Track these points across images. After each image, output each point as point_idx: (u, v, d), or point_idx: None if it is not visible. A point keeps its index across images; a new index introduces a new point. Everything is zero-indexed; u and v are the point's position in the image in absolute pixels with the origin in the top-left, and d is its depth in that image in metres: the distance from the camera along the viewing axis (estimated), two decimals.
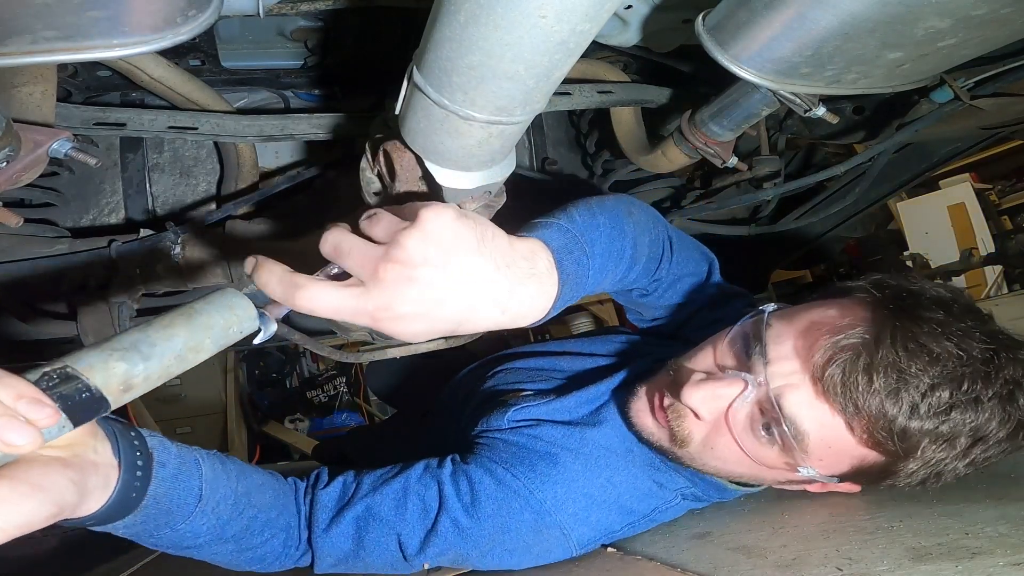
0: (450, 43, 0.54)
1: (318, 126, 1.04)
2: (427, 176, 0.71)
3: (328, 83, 1.23)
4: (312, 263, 0.62)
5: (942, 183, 4.03)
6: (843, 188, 1.52)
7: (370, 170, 0.84)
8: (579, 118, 1.47)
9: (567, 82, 1.01)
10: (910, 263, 3.48)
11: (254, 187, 1.20)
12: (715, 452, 0.78)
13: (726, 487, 0.88)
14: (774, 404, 0.71)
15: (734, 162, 1.12)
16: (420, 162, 0.71)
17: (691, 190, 1.52)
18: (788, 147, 1.57)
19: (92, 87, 1.12)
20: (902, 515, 0.75)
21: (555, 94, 1.03)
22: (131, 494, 0.60)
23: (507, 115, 0.61)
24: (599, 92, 1.12)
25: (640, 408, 0.84)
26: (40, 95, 0.86)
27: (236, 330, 0.55)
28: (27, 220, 0.96)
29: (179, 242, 1.07)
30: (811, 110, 0.86)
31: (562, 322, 3.47)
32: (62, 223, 1.16)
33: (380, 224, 0.59)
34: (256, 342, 0.58)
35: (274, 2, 0.89)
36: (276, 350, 3.85)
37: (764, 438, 0.73)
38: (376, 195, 0.85)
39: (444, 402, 1.33)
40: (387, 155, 0.77)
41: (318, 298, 0.56)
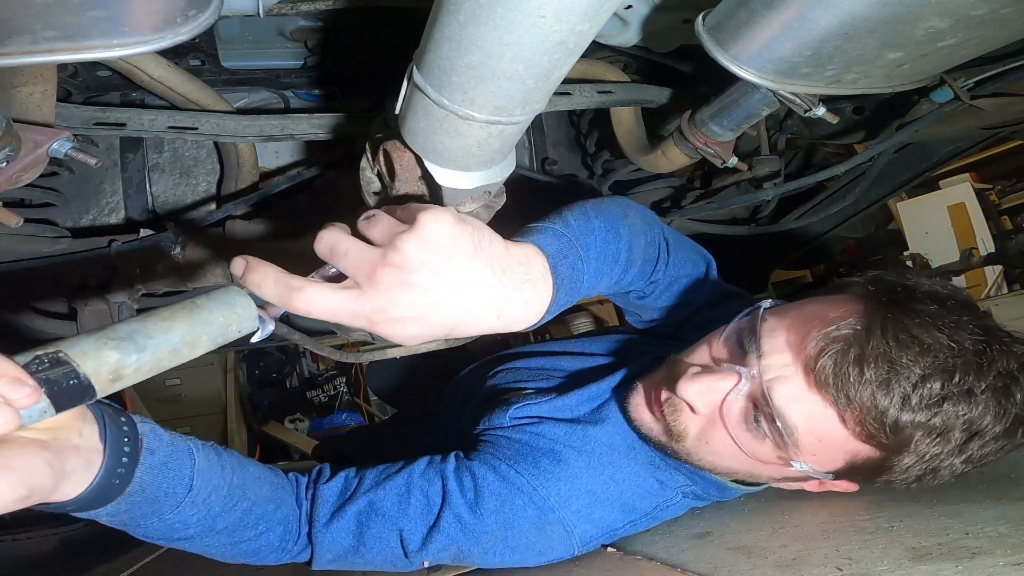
0: (450, 43, 0.54)
1: (318, 126, 1.04)
2: (427, 176, 0.71)
3: (328, 83, 1.23)
4: (312, 263, 0.62)
5: (942, 183, 4.02)
6: (843, 188, 1.52)
7: (370, 170, 0.84)
8: (579, 118, 1.47)
9: (567, 82, 1.01)
10: (910, 263, 3.48)
11: (254, 187, 1.20)
12: (710, 447, 0.78)
13: (726, 486, 0.88)
14: (766, 396, 0.71)
15: (734, 162, 1.12)
16: (420, 162, 0.71)
17: (691, 190, 1.52)
18: (788, 147, 1.57)
19: (92, 87, 1.12)
20: (902, 515, 0.75)
21: (555, 94, 1.03)
22: (113, 480, 0.59)
23: (506, 115, 0.61)
24: (599, 92, 1.12)
25: (638, 402, 0.85)
26: (40, 95, 0.86)
27: (235, 328, 0.55)
28: (27, 220, 0.96)
29: (179, 242, 1.07)
30: (811, 110, 0.86)
31: (562, 322, 3.47)
32: (62, 223, 1.16)
33: (378, 226, 0.59)
34: (253, 341, 0.58)
35: (274, 2, 0.89)
36: (276, 350, 3.85)
37: (757, 432, 0.73)
38: (376, 195, 0.85)
39: (444, 402, 1.33)
40: (387, 155, 0.77)
41: (314, 300, 0.56)
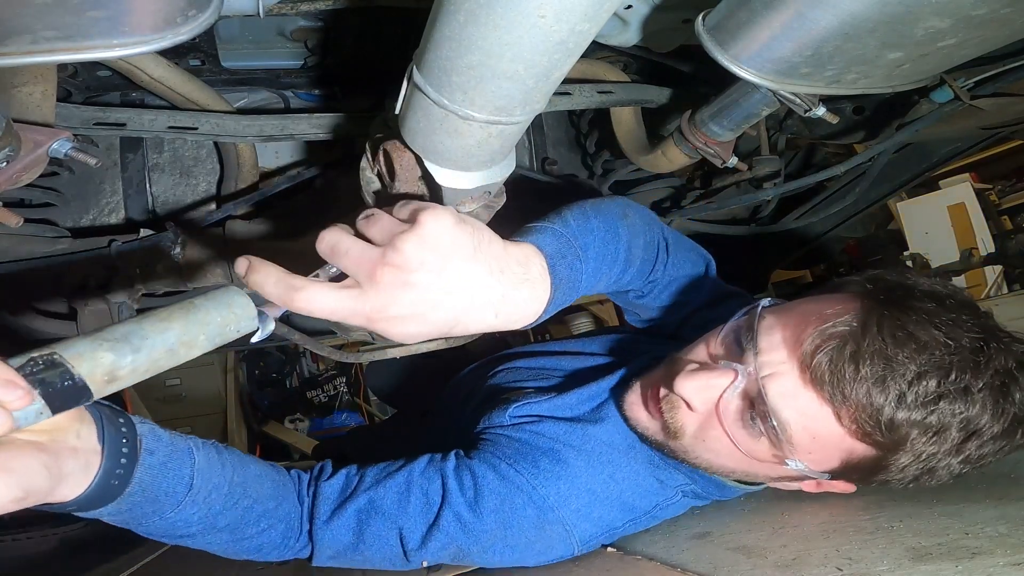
0: (449, 43, 0.54)
1: (318, 126, 1.04)
2: (427, 176, 0.71)
3: (328, 83, 1.23)
4: (312, 263, 0.62)
5: (942, 183, 4.02)
6: (843, 188, 1.52)
7: (370, 170, 0.84)
8: (579, 118, 1.47)
9: (567, 82, 1.01)
10: (910, 263, 3.48)
11: (254, 187, 1.20)
12: (707, 444, 0.78)
13: (726, 484, 0.88)
14: (761, 393, 0.71)
15: (734, 162, 1.12)
16: (420, 162, 0.71)
17: (691, 190, 1.52)
18: (788, 147, 1.57)
19: (92, 87, 1.12)
20: (902, 515, 0.75)
21: (555, 94, 1.03)
22: (112, 481, 0.59)
23: (506, 115, 0.61)
24: (599, 92, 1.12)
25: (633, 401, 0.85)
26: (40, 95, 0.86)
27: (233, 329, 0.54)
28: (27, 220, 0.96)
29: (179, 242, 1.07)
30: (811, 110, 0.86)
31: (562, 322, 3.47)
32: (62, 223, 1.16)
33: (378, 225, 0.60)
34: (253, 341, 0.58)
35: (274, 2, 0.89)
36: (276, 350, 3.85)
37: (753, 430, 0.73)
38: (375, 194, 0.85)
39: (444, 402, 1.33)
40: (387, 155, 0.77)
41: (315, 300, 0.56)
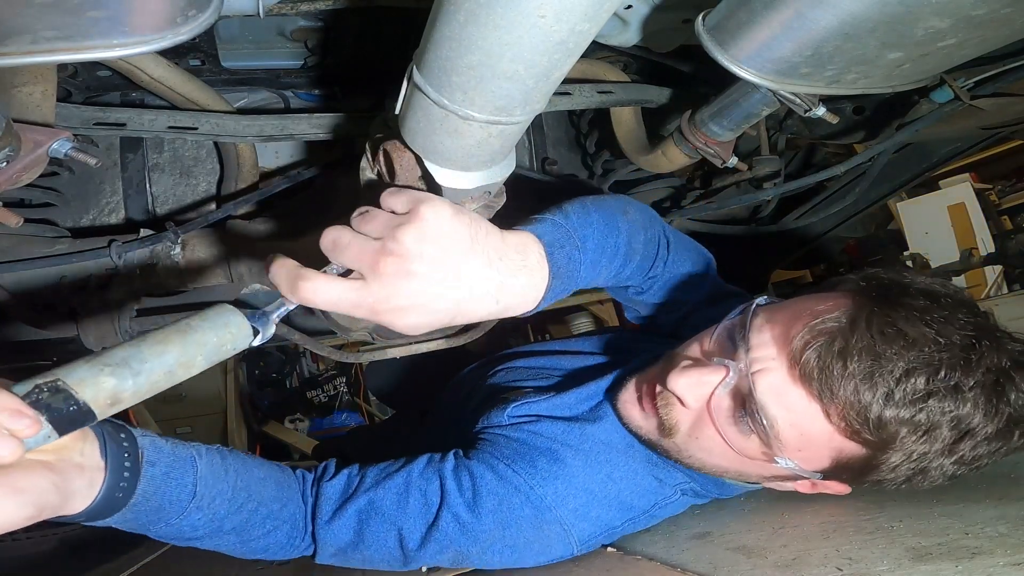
0: (449, 43, 0.54)
1: (318, 126, 1.04)
2: (427, 176, 0.71)
3: (328, 83, 1.23)
4: (312, 263, 0.62)
5: (942, 183, 4.02)
6: (843, 188, 1.52)
7: (370, 170, 0.84)
8: (579, 118, 1.47)
9: (567, 82, 1.01)
10: (910, 263, 3.48)
11: (254, 187, 1.20)
12: (700, 443, 0.78)
13: (725, 482, 0.88)
14: (751, 389, 0.71)
15: (734, 162, 1.12)
16: (420, 162, 0.71)
17: (691, 190, 1.52)
18: (788, 147, 1.57)
19: (92, 87, 1.12)
20: (902, 515, 0.75)
21: (555, 94, 1.03)
22: (116, 494, 0.62)
23: (506, 115, 0.61)
24: (599, 92, 1.12)
25: (627, 399, 0.85)
26: (40, 95, 0.86)
27: (230, 347, 0.56)
28: (27, 220, 0.96)
29: (179, 242, 1.07)
30: (811, 110, 0.86)
31: (562, 322, 3.47)
32: (62, 223, 1.16)
33: (375, 221, 0.61)
34: (254, 343, 0.58)
35: (274, 2, 0.89)
36: (276, 350, 3.85)
37: (744, 427, 0.73)
38: (367, 186, 0.84)
39: (444, 402, 1.33)
40: (387, 155, 0.77)
41: (320, 290, 0.58)
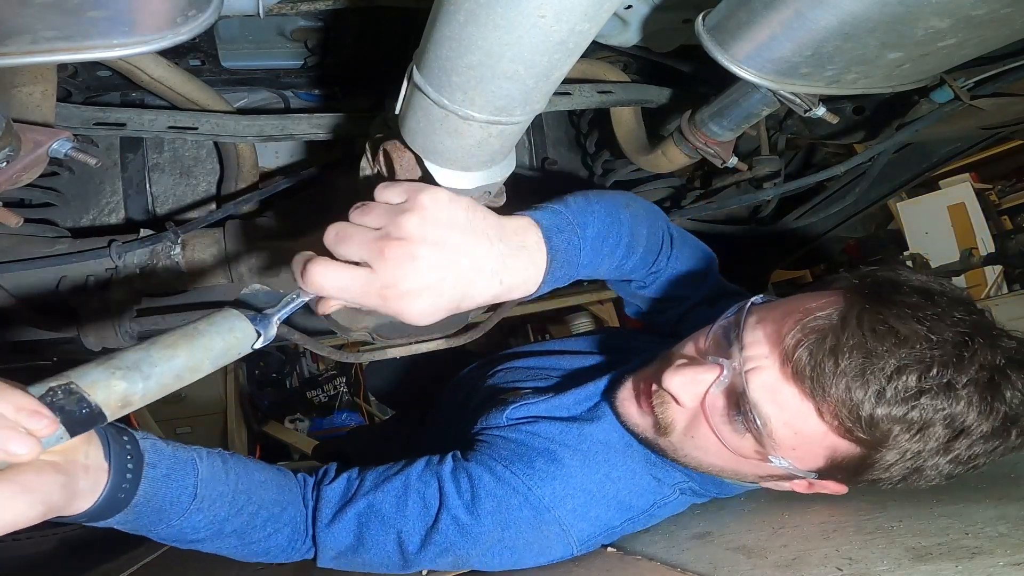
0: (449, 43, 0.54)
1: (318, 126, 1.04)
2: (427, 176, 0.71)
3: (328, 83, 1.23)
4: None
5: (942, 183, 4.02)
6: (843, 188, 1.52)
7: (370, 170, 0.84)
8: (579, 118, 1.47)
9: (567, 82, 1.01)
10: (910, 263, 3.47)
11: (254, 187, 1.19)
12: (695, 441, 0.78)
13: (723, 481, 0.88)
14: (744, 388, 0.70)
15: (734, 162, 1.12)
16: (420, 162, 0.71)
17: (691, 190, 1.51)
18: (788, 147, 1.57)
19: (92, 87, 1.12)
20: (902, 515, 0.75)
21: (555, 94, 1.03)
22: (119, 495, 0.63)
23: (506, 115, 0.61)
24: (599, 92, 1.12)
25: (625, 397, 0.85)
26: (40, 95, 0.86)
27: (235, 352, 0.57)
28: (27, 220, 0.96)
29: (179, 242, 1.07)
30: (811, 110, 0.86)
31: (562, 322, 3.48)
32: (62, 223, 1.16)
33: (374, 211, 0.62)
34: (256, 346, 0.59)
35: (274, 2, 0.89)
36: (276, 350, 3.84)
37: (738, 426, 0.73)
38: (362, 181, 0.84)
39: (444, 402, 1.33)
40: (387, 155, 0.77)
41: (329, 273, 0.59)
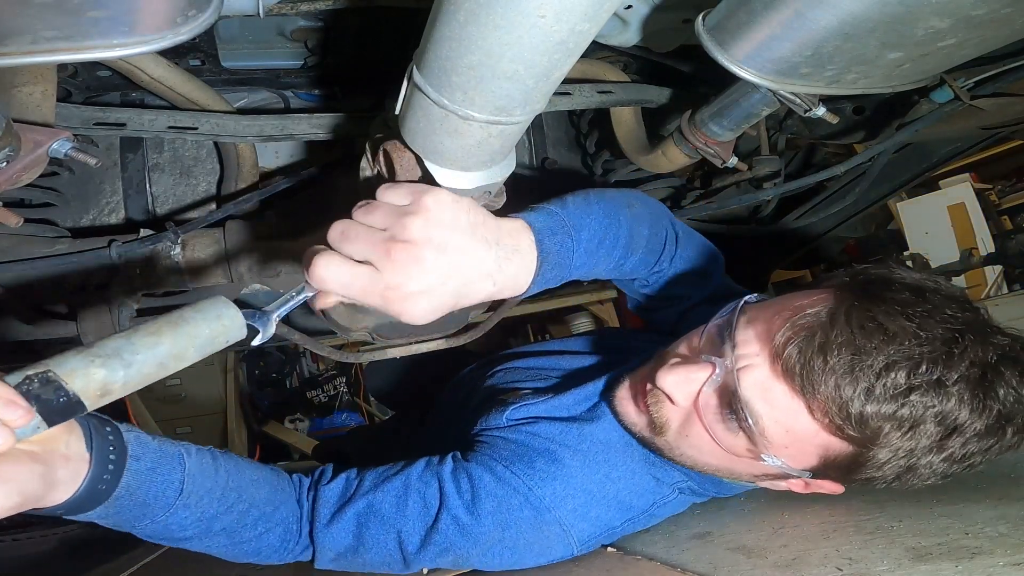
0: (449, 42, 0.54)
1: (318, 126, 1.04)
2: (427, 176, 0.71)
3: (328, 83, 1.23)
4: None
5: (942, 183, 4.01)
6: (843, 188, 1.52)
7: (370, 170, 0.84)
8: (579, 118, 1.47)
9: (567, 82, 1.01)
10: (910, 263, 3.48)
11: (254, 187, 1.19)
12: (690, 440, 0.78)
13: (722, 481, 0.88)
14: (736, 386, 0.70)
15: (734, 162, 1.12)
16: (420, 162, 0.71)
17: (691, 190, 1.51)
18: (788, 147, 1.57)
19: (92, 87, 1.12)
20: (902, 515, 0.75)
21: (555, 94, 1.03)
22: (99, 486, 0.62)
23: (506, 115, 0.61)
24: (599, 92, 1.12)
25: (623, 396, 0.85)
26: (40, 95, 0.86)
27: (223, 339, 0.56)
28: (27, 220, 0.96)
29: (179, 242, 1.07)
30: (811, 110, 0.86)
31: (562, 322, 3.48)
32: (62, 223, 1.16)
33: (378, 211, 0.62)
34: (255, 343, 0.59)
35: (274, 2, 0.89)
36: (276, 350, 3.85)
37: (731, 425, 0.72)
38: (364, 182, 0.84)
39: (444, 402, 1.33)
40: (387, 155, 0.77)
41: (334, 268, 0.59)
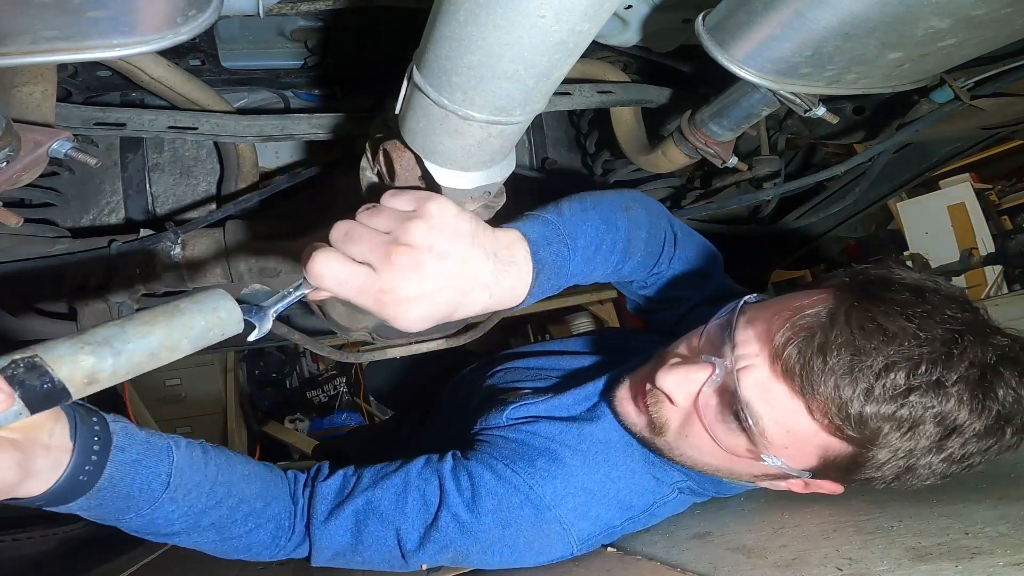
0: (449, 42, 0.54)
1: (318, 126, 1.04)
2: (427, 176, 0.71)
3: (328, 83, 1.23)
4: None
5: (942, 183, 4.01)
6: (843, 188, 1.52)
7: (370, 170, 0.84)
8: (579, 118, 1.47)
9: (567, 82, 1.01)
10: (910, 263, 3.48)
11: (254, 187, 1.19)
12: (690, 441, 0.78)
13: (722, 481, 0.88)
14: (735, 386, 0.70)
15: (734, 162, 1.12)
16: (420, 162, 0.71)
17: (691, 190, 1.51)
18: (788, 147, 1.57)
19: (92, 87, 1.12)
20: (902, 515, 0.75)
21: (555, 94, 1.03)
22: (80, 477, 0.60)
23: (506, 115, 0.61)
24: (599, 92, 1.12)
25: (623, 396, 0.85)
26: (40, 95, 0.86)
27: (217, 332, 0.55)
28: (27, 220, 0.96)
29: (179, 242, 1.07)
30: (811, 110, 0.86)
31: (562, 322, 3.48)
32: (62, 223, 1.16)
33: (383, 215, 0.62)
34: (251, 339, 0.58)
35: (274, 2, 0.89)
36: (276, 350, 3.84)
37: (731, 425, 0.73)
38: (369, 188, 0.85)
39: (444, 402, 1.33)
40: (387, 155, 0.77)
41: (332, 265, 0.59)
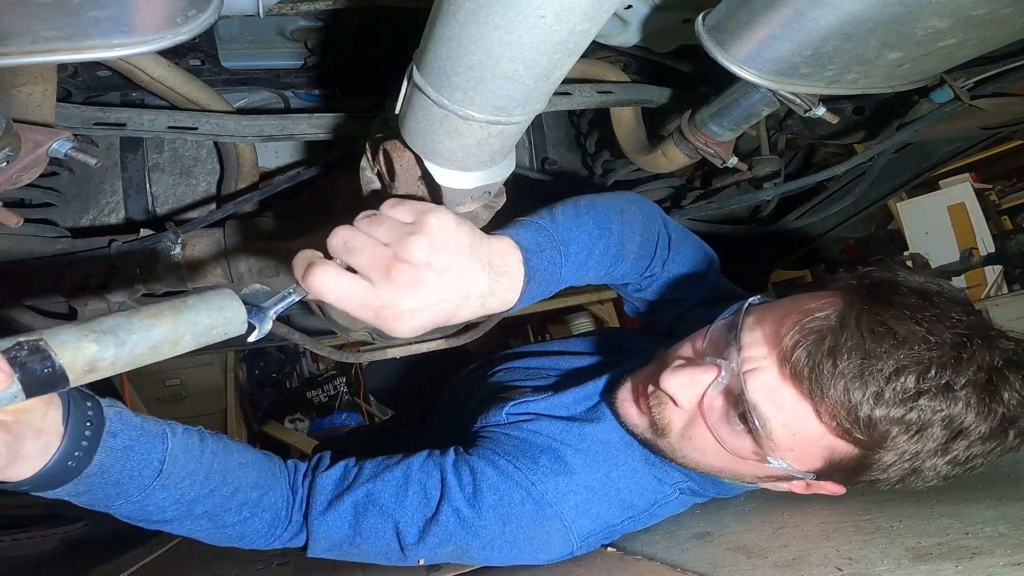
0: (449, 42, 0.54)
1: (318, 126, 1.04)
2: (426, 176, 0.71)
3: (328, 83, 1.23)
4: None
5: (942, 183, 4.01)
6: (843, 188, 1.52)
7: (370, 170, 0.84)
8: (579, 118, 1.47)
9: (567, 82, 1.01)
10: (910, 263, 3.47)
11: (254, 187, 1.19)
12: (693, 442, 0.78)
13: (723, 481, 0.88)
14: (742, 389, 0.70)
15: (734, 162, 1.12)
16: (420, 162, 0.71)
17: (691, 190, 1.51)
18: (788, 147, 1.57)
19: (92, 87, 1.12)
20: (902, 515, 0.75)
21: (555, 94, 1.03)
22: (69, 462, 0.60)
23: (506, 115, 0.61)
24: (599, 92, 1.12)
25: (624, 397, 0.85)
26: (40, 95, 0.86)
27: (221, 331, 0.55)
28: (27, 220, 0.96)
29: (179, 242, 1.07)
30: (811, 110, 0.86)
31: (562, 322, 3.48)
32: (62, 223, 1.16)
33: (384, 226, 0.62)
34: (250, 340, 0.59)
35: (274, 2, 0.89)
36: (276, 350, 3.85)
37: (736, 427, 0.72)
38: (371, 194, 0.85)
39: (444, 402, 1.33)
40: (387, 155, 0.77)
41: (331, 281, 0.59)
